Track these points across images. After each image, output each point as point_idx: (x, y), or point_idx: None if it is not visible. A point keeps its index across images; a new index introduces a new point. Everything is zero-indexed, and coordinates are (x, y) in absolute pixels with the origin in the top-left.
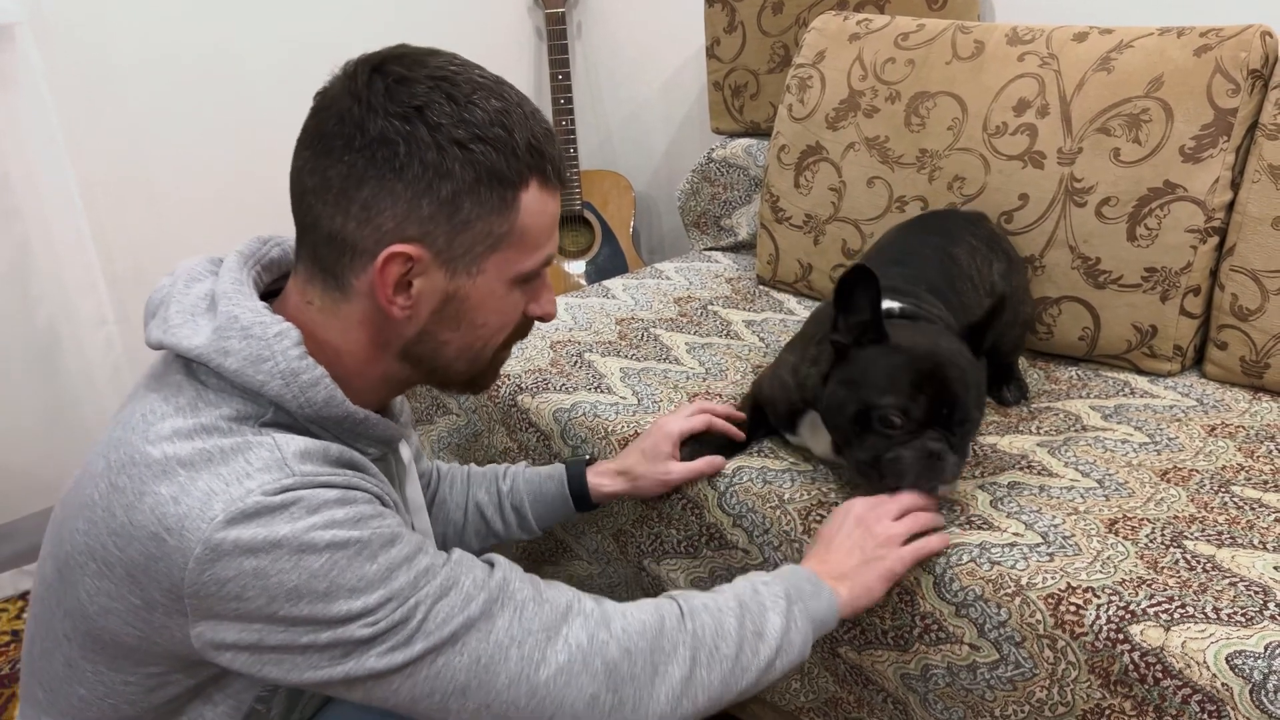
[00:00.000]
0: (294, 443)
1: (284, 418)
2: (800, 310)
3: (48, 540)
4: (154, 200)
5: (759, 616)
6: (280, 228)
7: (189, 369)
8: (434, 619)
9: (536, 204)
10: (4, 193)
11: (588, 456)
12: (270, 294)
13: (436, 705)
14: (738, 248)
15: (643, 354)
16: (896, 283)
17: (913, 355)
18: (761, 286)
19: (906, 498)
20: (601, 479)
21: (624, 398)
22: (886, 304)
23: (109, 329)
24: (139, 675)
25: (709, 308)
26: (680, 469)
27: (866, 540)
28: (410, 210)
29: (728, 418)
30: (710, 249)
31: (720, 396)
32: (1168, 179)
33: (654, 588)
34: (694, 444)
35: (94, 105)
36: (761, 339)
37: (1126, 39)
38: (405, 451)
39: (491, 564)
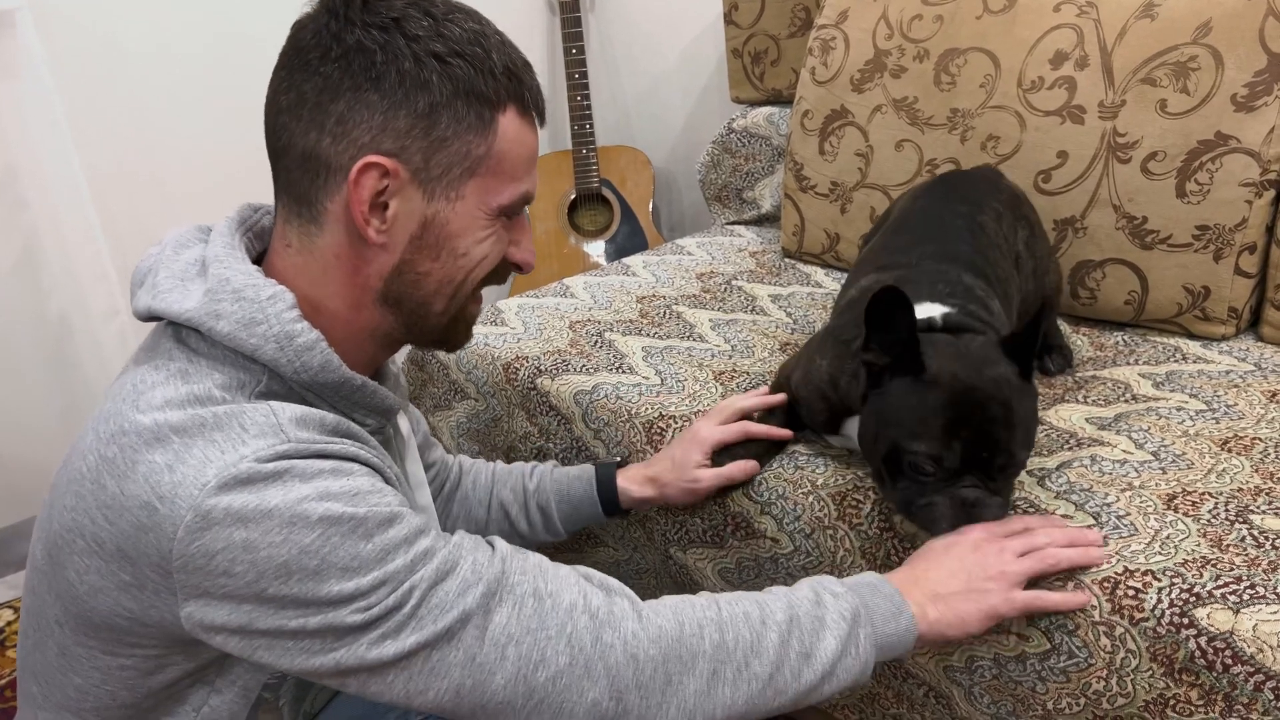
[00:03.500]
0: (290, 409)
1: (278, 385)
2: (828, 282)
3: (38, 523)
4: (163, 189)
5: (811, 636)
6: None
7: (179, 337)
8: (429, 606)
9: (515, 130)
10: (10, 184)
11: (619, 460)
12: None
13: (431, 702)
14: (761, 220)
15: (665, 332)
16: (935, 274)
17: (950, 392)
18: (787, 259)
19: (1041, 535)
20: (630, 484)
21: (647, 378)
22: (927, 311)
23: (121, 320)
24: (135, 658)
25: (733, 283)
26: (709, 476)
27: (976, 570)
28: (387, 121)
29: (765, 410)
30: (733, 223)
31: (748, 375)
32: (1219, 130)
33: (681, 576)
34: (730, 447)
35: (99, 93)
36: (788, 314)
37: None
38: (404, 424)
39: (492, 546)
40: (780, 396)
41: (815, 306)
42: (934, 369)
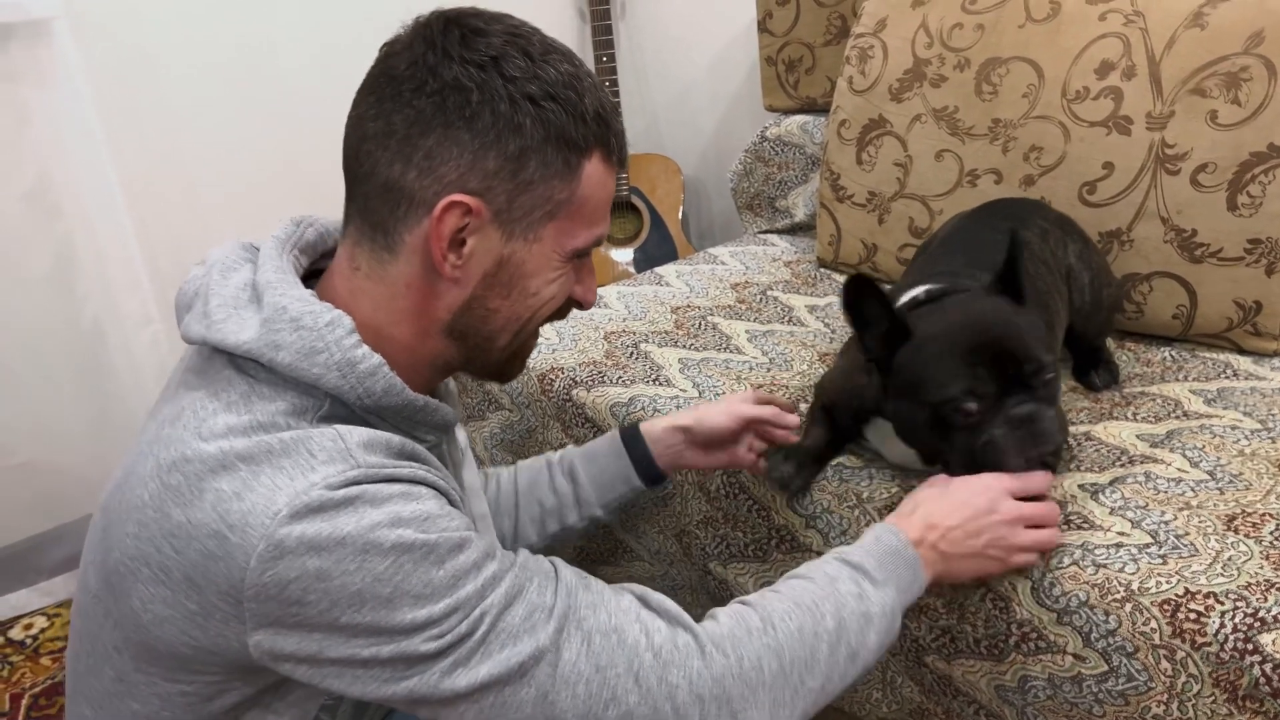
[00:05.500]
0: (356, 433)
1: (340, 410)
2: None
3: (90, 548)
4: (196, 196)
5: (857, 636)
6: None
7: (236, 363)
8: (497, 631)
9: (598, 176)
10: (45, 192)
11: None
12: (311, 276)
13: None
14: (794, 229)
15: (701, 343)
16: (939, 268)
17: (948, 333)
18: (823, 269)
19: (1049, 508)
20: (654, 428)
21: (684, 390)
22: (911, 293)
23: (154, 328)
24: (197, 685)
25: (768, 293)
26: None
27: (993, 537)
28: (475, 161)
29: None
30: (765, 231)
31: (787, 389)
32: (1272, 142)
33: (720, 591)
34: (790, 459)
35: (133, 101)
36: (826, 324)
37: None
38: (461, 436)
39: (555, 570)
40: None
41: None
42: (922, 327)
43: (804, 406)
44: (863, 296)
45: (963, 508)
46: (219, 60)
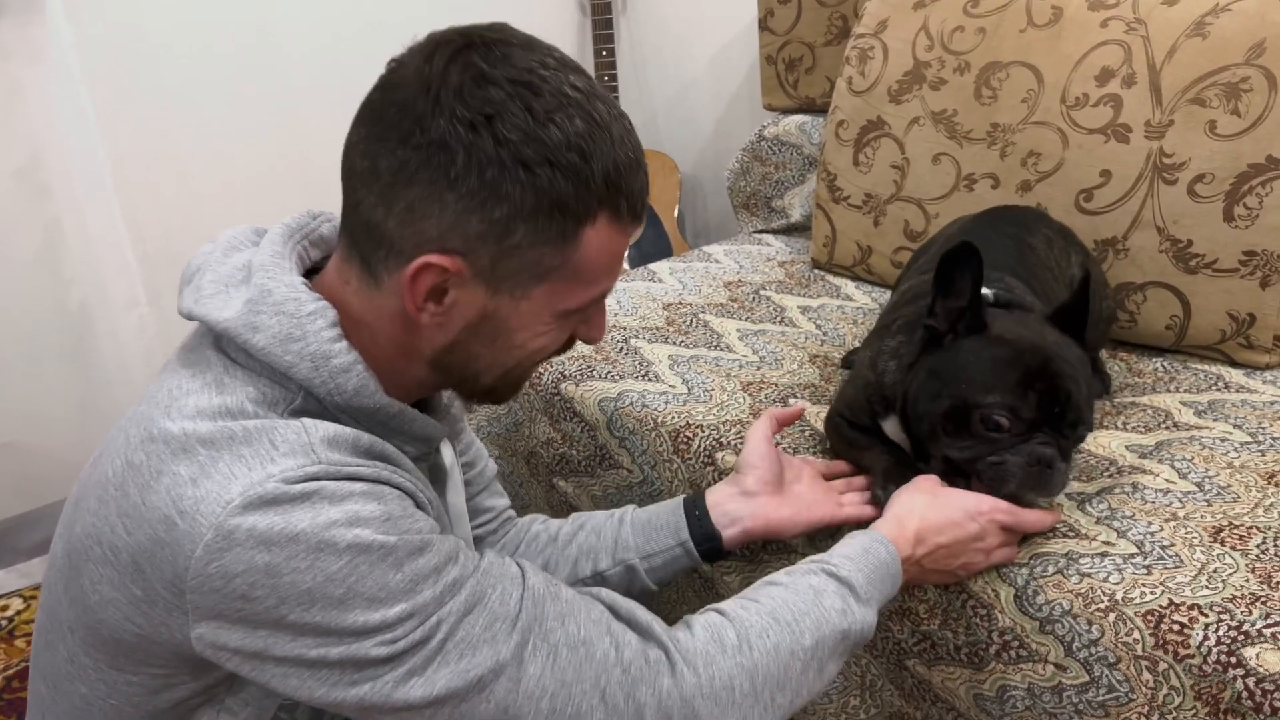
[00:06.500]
0: (323, 427)
1: (313, 405)
2: (859, 296)
3: (62, 520)
4: (186, 180)
5: (831, 653)
6: (315, 204)
7: (218, 343)
8: (454, 640)
9: (601, 240)
10: (34, 171)
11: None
12: (316, 271)
13: None
14: (790, 230)
15: (692, 341)
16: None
17: (1018, 348)
18: (817, 270)
19: (1035, 520)
20: (714, 488)
21: (673, 386)
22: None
23: (141, 311)
24: (142, 675)
25: (761, 292)
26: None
27: (970, 554)
28: (457, 223)
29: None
30: (760, 231)
31: (776, 386)
32: (1270, 154)
33: (705, 590)
34: (884, 483)
35: (126, 81)
36: (818, 326)
37: (1223, 2)
38: (447, 453)
39: (523, 575)
40: (797, 409)
41: (845, 320)
42: (998, 328)
43: (794, 400)
44: (963, 267)
45: (954, 527)
46: (213, 41)
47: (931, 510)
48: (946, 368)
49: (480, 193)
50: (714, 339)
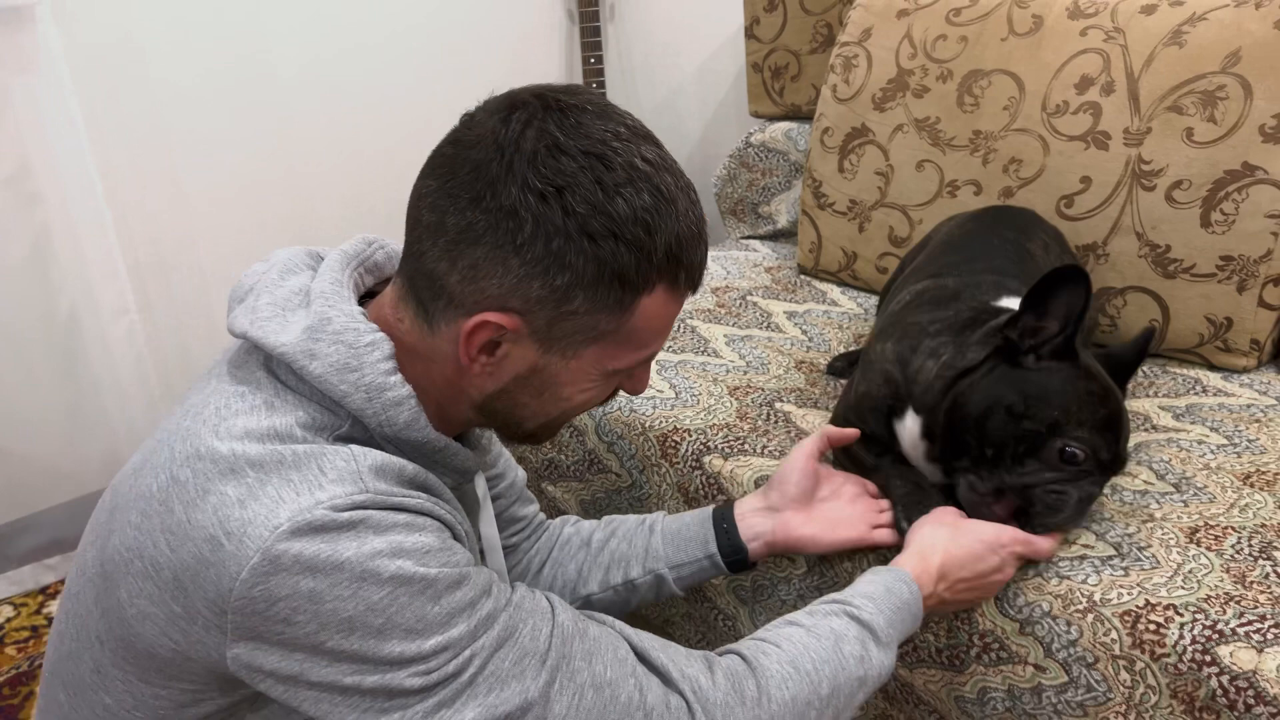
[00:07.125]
0: (370, 456)
1: (360, 433)
2: (845, 301)
3: (93, 527)
4: (176, 187)
5: (847, 700)
6: (305, 214)
7: (269, 364)
8: (485, 674)
9: (656, 308)
10: (24, 178)
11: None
12: (369, 296)
13: None
14: (776, 236)
15: (679, 346)
16: (996, 284)
17: (1106, 387)
18: (803, 276)
19: (1049, 549)
20: (744, 507)
21: (660, 391)
22: (1013, 303)
23: (130, 318)
24: (171, 690)
25: (748, 298)
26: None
27: (989, 584)
28: (518, 286)
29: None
30: (747, 237)
31: (763, 391)
32: (1246, 160)
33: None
34: (906, 514)
35: (115, 89)
36: (804, 331)
37: (1200, 11)
38: (480, 485)
39: (552, 611)
40: (853, 431)
41: (831, 326)
42: (1085, 360)
43: (779, 404)
44: (1065, 289)
45: (976, 561)
46: (202, 48)
47: (954, 544)
48: (1034, 389)
49: (544, 260)
50: (701, 344)
